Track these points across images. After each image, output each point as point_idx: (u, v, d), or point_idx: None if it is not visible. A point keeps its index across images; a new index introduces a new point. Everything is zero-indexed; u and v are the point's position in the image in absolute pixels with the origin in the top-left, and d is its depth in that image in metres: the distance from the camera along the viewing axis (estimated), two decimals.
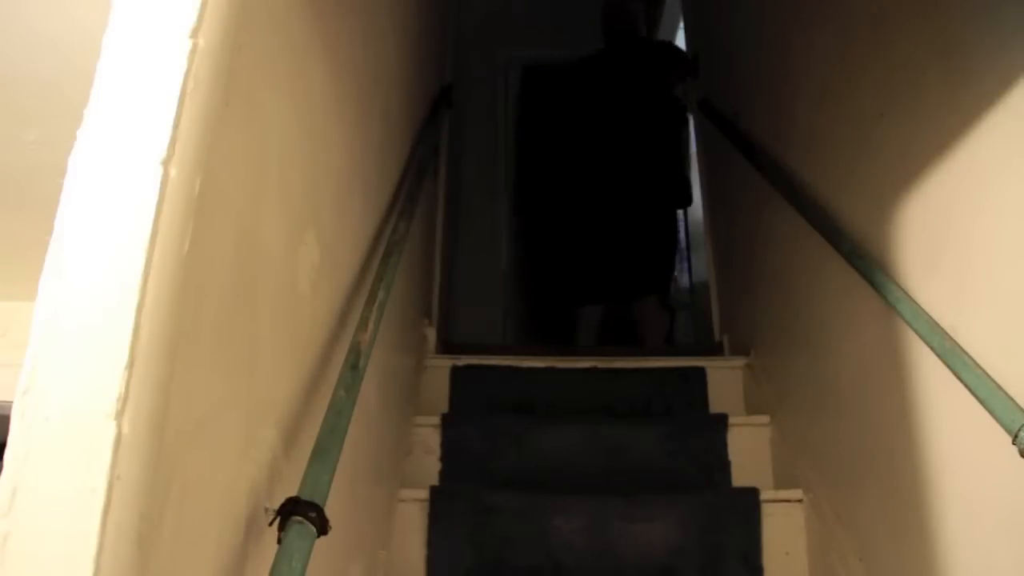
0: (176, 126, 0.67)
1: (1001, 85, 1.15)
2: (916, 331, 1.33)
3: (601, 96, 3.06)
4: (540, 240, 3.05)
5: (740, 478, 2.07)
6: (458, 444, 2.11)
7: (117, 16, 0.71)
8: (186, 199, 0.68)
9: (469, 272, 3.71)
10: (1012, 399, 1.08)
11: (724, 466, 2.09)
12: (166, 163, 0.66)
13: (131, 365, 0.60)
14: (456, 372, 2.45)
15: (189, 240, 0.67)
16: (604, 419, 2.23)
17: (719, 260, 2.95)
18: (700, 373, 2.49)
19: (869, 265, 1.52)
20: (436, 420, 2.14)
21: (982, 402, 1.12)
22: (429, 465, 2.07)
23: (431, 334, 2.61)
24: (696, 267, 3.84)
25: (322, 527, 0.85)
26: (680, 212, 3.71)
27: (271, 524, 0.84)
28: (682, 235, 3.79)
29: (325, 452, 0.94)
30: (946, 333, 1.26)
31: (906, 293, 1.40)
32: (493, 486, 1.99)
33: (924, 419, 1.36)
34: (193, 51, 0.70)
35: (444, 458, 2.09)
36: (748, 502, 1.87)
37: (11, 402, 0.60)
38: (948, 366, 1.22)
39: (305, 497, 0.85)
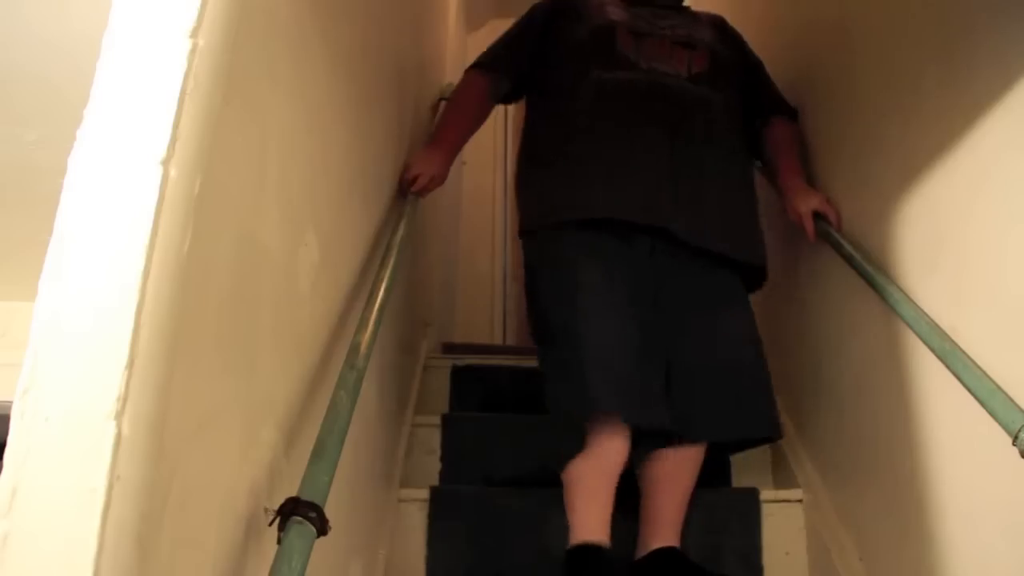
0: (176, 126, 0.67)
1: (1001, 85, 1.15)
2: (916, 332, 1.33)
3: None
4: None
5: (740, 478, 2.07)
6: (458, 444, 2.10)
7: (117, 16, 0.71)
8: (186, 199, 0.68)
9: (469, 273, 3.71)
10: (1012, 399, 1.08)
11: (724, 466, 2.09)
12: (166, 163, 0.66)
13: (131, 365, 0.60)
14: (456, 372, 2.45)
15: (189, 240, 0.67)
16: None
17: None
18: None
19: (869, 266, 1.52)
20: (436, 420, 2.14)
21: (982, 402, 1.12)
22: (429, 465, 2.07)
23: (431, 334, 2.61)
24: None
25: (322, 527, 0.85)
26: None
27: (271, 524, 0.84)
28: None
29: (325, 452, 0.94)
30: (946, 334, 1.26)
31: (906, 294, 1.40)
32: (493, 486, 1.98)
33: (924, 419, 1.36)
34: (193, 51, 0.70)
35: (444, 458, 2.08)
36: (748, 502, 1.87)
37: (11, 402, 0.60)
38: (948, 367, 1.22)
39: (305, 497, 0.85)
